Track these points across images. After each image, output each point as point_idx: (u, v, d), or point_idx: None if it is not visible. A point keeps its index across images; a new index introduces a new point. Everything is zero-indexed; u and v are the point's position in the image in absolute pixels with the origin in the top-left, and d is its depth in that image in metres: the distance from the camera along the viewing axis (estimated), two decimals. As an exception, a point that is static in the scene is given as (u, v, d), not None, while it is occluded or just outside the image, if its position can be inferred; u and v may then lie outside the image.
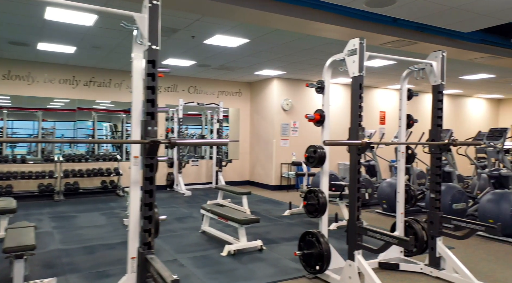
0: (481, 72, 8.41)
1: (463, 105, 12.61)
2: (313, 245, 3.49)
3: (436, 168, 3.72)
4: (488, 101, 13.16)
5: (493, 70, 8.12)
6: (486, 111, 13.15)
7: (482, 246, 4.74)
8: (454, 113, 12.40)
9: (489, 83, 9.94)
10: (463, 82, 9.81)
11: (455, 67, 7.82)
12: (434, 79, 3.75)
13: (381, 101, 10.98)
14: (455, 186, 6.06)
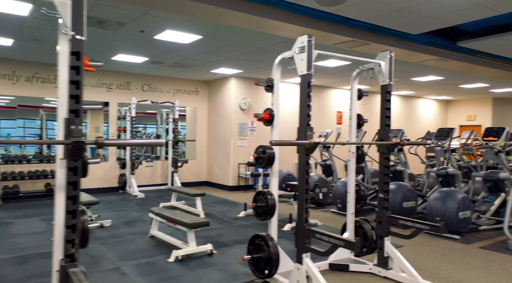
0: (430, 74, 8.73)
1: (415, 106, 13.10)
2: (262, 248, 3.38)
3: (384, 168, 3.73)
4: (438, 103, 13.77)
5: (441, 73, 8.45)
6: (436, 112, 13.76)
7: (429, 244, 4.85)
8: (406, 113, 12.85)
9: (438, 85, 10.36)
10: (415, 84, 10.17)
11: (406, 68, 8.05)
12: (382, 79, 3.76)
13: (338, 102, 11.15)
14: (405, 185, 6.21)
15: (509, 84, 10.09)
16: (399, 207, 5.87)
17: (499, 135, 5.96)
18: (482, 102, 12.98)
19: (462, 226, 5.18)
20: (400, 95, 12.56)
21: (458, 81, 9.62)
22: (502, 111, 13.07)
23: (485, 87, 10.58)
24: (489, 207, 5.73)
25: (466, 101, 13.48)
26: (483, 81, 9.64)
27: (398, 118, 12.57)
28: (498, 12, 4.37)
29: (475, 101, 13.19)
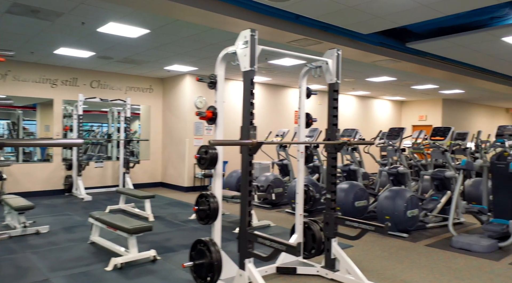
0: (383, 75, 8.92)
1: (371, 106, 13.42)
2: (204, 254, 3.19)
3: (331, 168, 3.66)
4: (392, 103, 14.19)
5: (394, 73, 8.64)
6: (391, 112, 14.17)
7: (379, 243, 4.88)
8: (362, 113, 13.12)
9: (392, 86, 10.64)
10: (370, 84, 10.37)
11: (360, 69, 8.15)
12: (330, 77, 3.69)
13: (296, 101, 11.15)
14: (357, 184, 6.25)
15: (456, 86, 10.54)
16: (351, 206, 5.89)
17: (445, 135, 6.14)
18: (433, 103, 13.53)
19: (410, 224, 5.27)
20: (357, 95, 12.81)
21: (410, 82, 9.91)
22: (451, 111, 13.69)
23: (435, 89, 11.00)
24: (436, 204, 5.88)
25: (418, 102, 13.99)
26: (433, 83, 10.00)
27: (355, 118, 12.82)
28: (443, 13, 4.45)
29: (426, 102, 13.71)
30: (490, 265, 4.04)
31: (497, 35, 5.28)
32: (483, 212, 5.09)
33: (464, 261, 4.16)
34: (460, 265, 4.04)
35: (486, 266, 4.02)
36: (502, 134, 5.42)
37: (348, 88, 11.20)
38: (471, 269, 3.92)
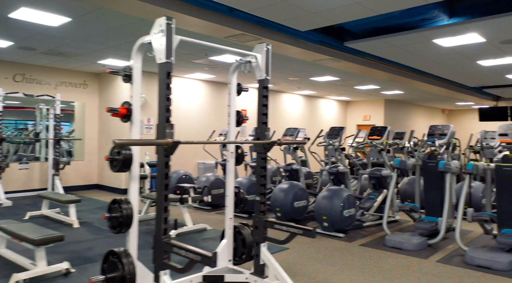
0: (327, 75, 8.97)
1: (317, 106, 13.58)
2: (116, 267, 2.85)
3: (261, 169, 3.47)
4: (338, 103, 14.48)
5: (337, 73, 8.72)
6: (337, 112, 14.45)
7: (315, 244, 4.79)
8: (309, 113, 13.24)
9: (336, 86, 10.78)
10: (314, 84, 10.43)
11: (304, 68, 8.12)
12: (259, 73, 3.49)
13: (241, 100, 10.96)
14: (297, 184, 6.16)
15: (396, 87, 10.91)
16: (290, 207, 5.78)
17: (382, 134, 6.24)
18: (376, 104, 13.97)
19: (347, 224, 5.25)
20: (303, 95, 12.89)
21: (352, 82, 10.09)
22: (392, 112, 14.24)
23: (377, 89, 11.32)
24: (372, 203, 5.93)
25: (362, 102, 14.39)
26: (375, 84, 10.26)
27: (302, 117, 12.89)
28: (375, 12, 4.44)
29: (370, 102, 14.14)
30: (419, 264, 4.08)
31: (428, 36, 5.41)
32: (415, 210, 5.19)
33: (395, 261, 4.17)
34: (390, 264, 4.04)
35: (415, 264, 4.05)
36: (433, 133, 5.57)
37: (294, 87, 11.21)
38: (400, 268, 3.93)
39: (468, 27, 4.95)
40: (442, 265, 4.04)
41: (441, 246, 4.72)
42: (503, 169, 4.66)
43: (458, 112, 17.67)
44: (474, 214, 4.55)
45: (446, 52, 6.25)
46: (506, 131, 4.92)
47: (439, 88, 10.39)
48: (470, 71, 7.99)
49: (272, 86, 10.92)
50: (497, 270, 3.88)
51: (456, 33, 5.18)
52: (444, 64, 7.31)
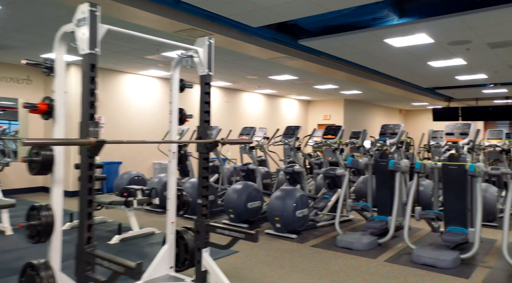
0: (285, 73, 8.91)
1: (279, 105, 13.54)
2: (34, 281, 2.56)
3: (203, 170, 3.28)
4: (299, 102, 14.53)
5: (295, 72, 8.67)
6: (298, 111, 14.50)
7: (266, 246, 4.66)
8: (270, 112, 13.17)
9: (296, 85, 10.76)
10: (274, 82, 10.34)
11: (261, 66, 7.99)
12: (201, 68, 3.30)
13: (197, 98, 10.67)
14: (251, 184, 6.01)
15: (355, 87, 11.06)
16: (244, 208, 5.62)
17: (336, 134, 6.23)
18: (336, 103, 14.15)
19: (299, 225, 5.16)
20: (264, 94, 12.80)
21: (311, 82, 10.11)
22: (352, 111, 14.48)
23: (336, 89, 11.43)
24: (326, 203, 5.90)
25: (323, 101, 14.53)
26: (333, 83, 10.34)
27: (263, 116, 12.80)
28: (326, 9, 4.37)
29: (330, 102, 14.30)
30: (367, 264, 4.04)
31: (379, 36, 5.43)
32: (366, 209, 5.19)
33: (344, 261, 4.11)
34: (339, 265, 3.98)
35: (363, 265, 4.01)
36: (385, 133, 5.61)
37: (254, 86, 11.08)
38: (349, 269, 3.87)
39: (417, 28, 5.01)
40: (390, 264, 4.03)
41: (390, 244, 4.74)
42: (449, 168, 4.75)
43: (414, 113, 18.30)
44: (422, 213, 4.60)
45: (398, 52, 6.34)
46: (452, 131, 5.02)
47: (395, 88, 10.64)
48: (421, 72, 8.20)
49: (231, 84, 10.74)
50: (441, 268, 3.91)
51: (405, 33, 5.24)
52: (397, 64, 7.44)
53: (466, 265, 4.02)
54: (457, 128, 5.00)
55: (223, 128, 8.43)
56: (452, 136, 4.97)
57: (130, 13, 4.58)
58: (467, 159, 4.76)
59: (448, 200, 4.80)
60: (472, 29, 4.98)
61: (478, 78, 8.97)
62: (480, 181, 4.37)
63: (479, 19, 4.60)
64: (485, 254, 4.44)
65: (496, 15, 4.45)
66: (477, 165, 4.42)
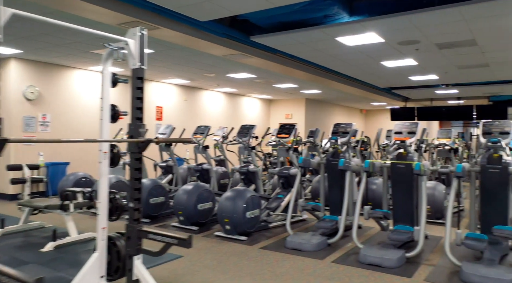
0: (243, 72, 8.75)
1: (240, 104, 13.39)
2: None
3: (135, 171, 3.05)
4: (261, 101, 14.45)
5: (253, 70, 8.53)
6: (260, 110, 14.40)
7: (214, 249, 4.48)
8: (231, 111, 12.99)
9: (256, 84, 10.63)
10: (233, 81, 10.16)
11: (216, 63, 7.78)
12: (132, 61, 3.06)
13: (157, 96, 10.34)
14: (203, 185, 5.80)
15: (314, 87, 11.08)
16: (194, 210, 5.41)
17: (290, 133, 6.14)
18: (297, 102, 14.18)
19: (250, 226, 5.02)
20: (224, 92, 12.60)
21: (270, 80, 10.01)
22: (313, 110, 14.57)
23: (296, 88, 11.41)
24: (279, 203, 5.80)
25: (284, 100, 14.52)
26: (293, 82, 10.30)
27: (223, 115, 12.60)
28: (273, 4, 4.24)
29: (292, 101, 14.31)
30: (314, 265, 3.96)
31: (331, 34, 5.39)
32: (317, 209, 5.12)
33: (291, 263, 4.01)
34: (285, 268, 3.86)
35: (310, 266, 3.93)
36: (337, 132, 5.58)
37: (213, 84, 10.85)
38: (294, 271, 3.77)
39: (366, 26, 5.00)
40: (336, 265, 3.97)
41: (340, 244, 4.70)
42: (397, 167, 4.77)
43: (374, 112, 18.73)
44: (370, 212, 4.58)
45: (351, 51, 6.35)
46: (401, 130, 5.06)
47: (353, 88, 10.77)
48: (376, 72, 8.31)
49: (190, 82, 10.45)
50: (387, 267, 3.89)
51: (356, 31, 5.22)
52: (352, 64, 7.48)
53: (411, 264, 4.03)
54: (405, 127, 5.04)
55: (182, 127, 8.16)
56: (401, 135, 5.00)
57: (70, 4, 4.25)
58: (414, 158, 4.80)
59: (396, 198, 4.82)
60: (419, 29, 5.04)
61: (430, 79, 9.23)
62: (425, 180, 4.41)
63: (425, 19, 4.65)
64: (431, 252, 4.49)
65: (440, 16, 4.51)
66: (423, 163, 4.46)
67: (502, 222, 4.22)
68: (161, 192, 6.15)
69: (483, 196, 4.36)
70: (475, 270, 3.55)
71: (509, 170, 4.14)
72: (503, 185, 4.22)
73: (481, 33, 5.20)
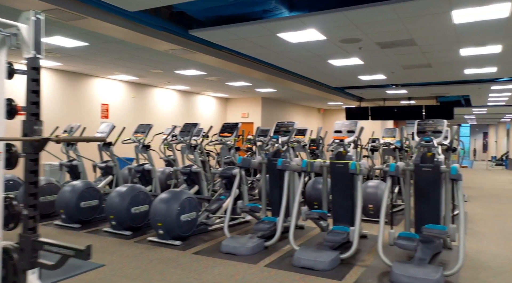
0: (191, 68, 8.43)
1: (195, 102, 13.04)
2: None
3: (30, 174, 2.70)
4: (217, 100, 14.16)
5: (200, 67, 8.23)
6: (216, 109, 14.12)
7: (142, 256, 4.17)
8: (185, 109, 12.62)
9: (208, 81, 10.33)
10: (183, 78, 9.82)
11: (162, 59, 7.43)
12: (26, 49, 2.70)
13: (103, 93, 9.79)
14: (139, 187, 5.44)
15: (268, 85, 10.94)
16: (127, 213, 5.06)
17: (233, 131, 5.93)
18: (253, 101, 14.03)
19: (185, 230, 4.75)
20: (177, 90, 12.20)
21: (222, 78, 9.75)
22: (270, 110, 14.48)
23: (250, 86, 11.23)
24: (221, 204, 5.57)
25: (241, 99, 14.32)
26: (245, 80, 10.10)
27: (177, 114, 12.20)
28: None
29: (248, 100, 14.14)
30: (245, 270, 3.76)
31: (271, 30, 5.23)
32: (256, 210, 4.94)
33: (221, 269, 3.79)
34: (213, 275, 3.63)
35: (241, 272, 3.72)
36: (279, 131, 5.43)
37: (163, 81, 10.44)
38: (222, 278, 3.55)
39: (305, 22, 4.87)
40: (269, 269, 3.80)
41: (278, 247, 4.54)
42: (336, 166, 4.68)
43: (331, 112, 18.97)
44: (307, 213, 4.46)
45: (296, 48, 6.23)
46: (340, 129, 4.99)
47: (307, 87, 10.74)
48: (325, 70, 8.28)
49: (138, 79, 9.99)
50: (320, 270, 3.77)
51: (296, 28, 5.08)
52: (300, 61, 7.38)
53: (345, 265, 3.93)
54: (345, 126, 4.97)
55: (132, 126, 7.69)
56: (340, 134, 4.92)
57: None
58: (352, 157, 4.73)
59: (335, 198, 4.74)
60: (358, 26, 4.98)
61: (378, 79, 9.35)
62: (361, 179, 4.34)
63: (362, 16, 4.58)
64: (368, 252, 4.43)
65: (375, 13, 4.44)
66: (359, 163, 4.39)
67: (435, 221, 4.23)
68: (95, 194, 5.74)
69: (417, 195, 4.35)
70: (404, 270, 3.50)
71: (441, 168, 4.15)
72: (435, 184, 4.22)
73: (419, 32, 5.23)
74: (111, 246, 4.50)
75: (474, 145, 38.36)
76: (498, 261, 4.16)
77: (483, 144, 38.44)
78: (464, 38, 5.48)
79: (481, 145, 38.62)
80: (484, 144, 38.42)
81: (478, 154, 37.00)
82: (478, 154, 37.06)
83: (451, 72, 8.27)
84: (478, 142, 38.80)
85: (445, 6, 4.21)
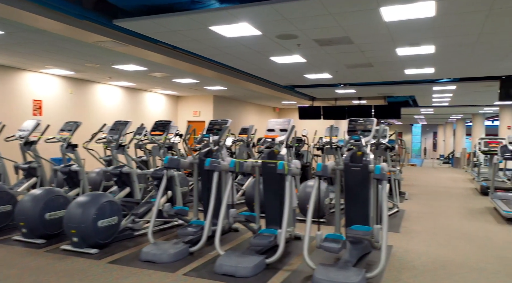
0: (130, 63, 7.96)
1: (143, 100, 12.48)
2: None
3: None
4: (167, 97, 13.67)
5: (140, 62, 7.78)
6: (166, 107, 13.62)
7: (46, 269, 3.74)
8: (132, 107, 12.04)
9: (153, 78, 9.85)
10: (125, 74, 9.29)
11: (94, 52, 6.91)
12: None
13: (35, 88, 9.06)
14: (57, 190, 4.98)
15: (218, 83, 10.62)
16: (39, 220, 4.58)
17: (165, 130, 5.60)
18: (205, 99, 13.68)
19: (104, 236, 4.36)
20: (122, 86, 11.61)
21: (167, 74, 9.33)
22: (222, 108, 14.18)
23: (198, 84, 10.86)
24: (149, 207, 5.23)
25: (192, 97, 13.92)
26: (192, 77, 9.73)
27: (122, 111, 11.61)
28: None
29: (199, 98, 13.77)
30: (160, 280, 3.46)
31: (202, 22, 4.95)
32: (182, 213, 4.66)
33: (132, 280, 3.46)
34: (123, 287, 3.31)
35: (155, 281, 3.42)
36: (211, 129, 5.17)
37: (104, 77, 9.84)
38: (131, 291, 3.23)
39: (236, 15, 4.64)
40: (186, 278, 3.53)
41: (204, 252, 4.27)
42: (268, 166, 4.50)
43: (287, 111, 18.98)
44: (234, 215, 4.24)
45: (233, 44, 5.99)
46: (274, 127, 4.81)
47: (257, 86, 10.56)
48: (269, 68, 8.12)
49: (75, 73, 9.34)
50: (241, 277, 3.55)
51: (227, 21, 4.84)
52: (240, 58, 7.15)
53: (269, 270, 3.74)
54: (278, 125, 4.79)
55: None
56: (273, 133, 4.74)
57: None
58: (284, 157, 4.57)
59: (267, 199, 4.56)
60: (290, 21, 4.81)
61: (325, 78, 9.34)
62: (290, 179, 4.17)
63: (291, 10, 4.38)
64: (297, 255, 4.26)
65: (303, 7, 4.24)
66: (289, 162, 4.23)
67: (364, 221, 4.15)
68: (8, 199, 5.20)
69: (347, 195, 4.26)
70: (325, 274, 3.36)
71: (369, 168, 4.08)
72: (364, 183, 4.14)
73: (353, 30, 5.16)
74: (15, 257, 4.03)
75: (425, 143, 40.22)
76: (422, 259, 4.14)
77: (433, 143, 40.41)
78: (398, 37, 5.48)
79: (431, 144, 40.59)
80: (434, 143, 40.39)
81: (428, 152, 38.81)
82: (429, 152, 38.88)
83: (392, 72, 8.39)
84: (429, 141, 40.73)
85: (373, 3, 4.13)
